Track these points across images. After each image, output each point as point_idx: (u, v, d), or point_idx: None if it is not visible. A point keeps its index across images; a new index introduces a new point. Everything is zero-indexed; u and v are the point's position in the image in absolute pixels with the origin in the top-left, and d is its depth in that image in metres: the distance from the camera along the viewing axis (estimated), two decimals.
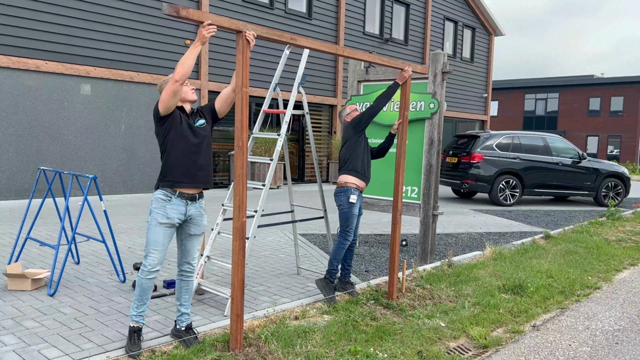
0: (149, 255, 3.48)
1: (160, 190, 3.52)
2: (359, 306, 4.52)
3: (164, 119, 3.48)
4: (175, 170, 3.49)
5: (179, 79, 3.25)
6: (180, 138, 3.49)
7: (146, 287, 3.52)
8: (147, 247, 3.49)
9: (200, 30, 3.17)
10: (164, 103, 3.38)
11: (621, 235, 8.57)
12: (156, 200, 3.50)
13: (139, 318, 3.55)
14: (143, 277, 3.50)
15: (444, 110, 6.33)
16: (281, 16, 14.71)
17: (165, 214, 3.47)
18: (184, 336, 3.63)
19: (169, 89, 3.31)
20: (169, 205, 3.48)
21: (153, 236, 3.47)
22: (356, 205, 4.75)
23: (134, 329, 3.52)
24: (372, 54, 4.37)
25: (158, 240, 3.47)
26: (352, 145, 4.77)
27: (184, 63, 3.24)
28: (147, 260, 3.48)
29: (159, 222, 3.47)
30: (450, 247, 7.36)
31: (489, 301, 4.80)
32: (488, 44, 24.01)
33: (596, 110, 38.34)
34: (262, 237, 7.39)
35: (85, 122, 11.00)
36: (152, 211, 3.50)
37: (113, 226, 7.77)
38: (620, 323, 4.55)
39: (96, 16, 11.02)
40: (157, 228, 3.47)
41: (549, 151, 12.87)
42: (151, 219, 3.49)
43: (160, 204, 3.48)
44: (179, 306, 3.71)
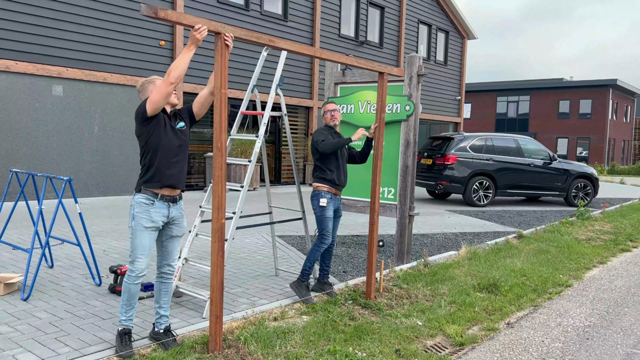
0: (137, 261, 3.47)
1: (141, 194, 3.48)
2: (338, 306, 4.55)
3: (149, 119, 3.43)
4: (158, 172, 3.47)
5: (174, 82, 3.26)
6: (163, 140, 3.48)
7: (134, 291, 3.51)
8: (134, 253, 3.47)
9: (193, 33, 3.20)
10: (155, 104, 3.34)
11: (590, 235, 8.81)
12: (139, 204, 3.46)
13: (129, 322, 3.54)
14: (131, 282, 3.49)
15: (419, 113, 6.42)
16: (257, 18, 14.70)
17: (150, 218, 3.46)
18: (162, 339, 3.61)
19: (163, 90, 3.28)
20: (152, 209, 3.47)
21: (139, 241, 3.45)
22: (328, 208, 4.75)
23: (124, 331, 3.51)
24: (349, 56, 4.42)
25: (145, 245, 3.46)
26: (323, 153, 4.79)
27: (178, 66, 3.24)
28: (134, 266, 3.47)
29: (144, 227, 3.45)
30: (426, 247, 7.46)
31: (464, 300, 4.89)
32: (461, 47, 24.37)
33: (566, 112, 39.23)
34: (240, 239, 7.37)
35: (57, 124, 10.80)
36: (135, 216, 3.46)
37: (87, 229, 7.65)
38: (590, 319, 4.69)
39: (68, 16, 10.84)
40: (143, 233, 3.45)
41: (521, 153, 13.14)
42: (135, 224, 3.45)
43: (144, 208, 3.45)
44: (158, 308, 3.69)
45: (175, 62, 3.26)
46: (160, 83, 3.32)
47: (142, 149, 3.51)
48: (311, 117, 16.87)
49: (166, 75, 3.27)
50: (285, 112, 5.10)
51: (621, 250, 7.76)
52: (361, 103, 6.73)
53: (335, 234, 5.04)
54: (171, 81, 3.25)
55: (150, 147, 3.47)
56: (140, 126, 3.47)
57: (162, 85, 3.29)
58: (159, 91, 3.30)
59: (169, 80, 3.25)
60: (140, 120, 3.44)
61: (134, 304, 3.55)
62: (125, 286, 3.50)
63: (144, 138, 3.48)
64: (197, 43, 3.22)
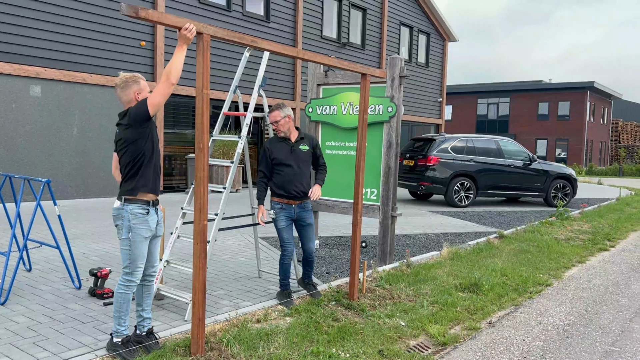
0: (136, 271, 3.47)
1: (136, 205, 3.43)
2: (321, 307, 4.55)
3: (148, 121, 3.40)
4: (152, 179, 3.50)
5: (175, 82, 3.27)
6: (156, 145, 3.52)
7: (129, 299, 3.50)
8: (134, 264, 3.45)
9: (183, 32, 3.19)
10: (157, 106, 3.33)
11: (570, 234, 8.94)
12: (135, 216, 3.42)
13: (126, 330, 3.52)
14: (130, 291, 3.48)
15: (401, 114, 6.45)
16: (238, 19, 14.64)
17: (149, 227, 3.48)
18: (145, 341, 3.56)
19: (165, 91, 3.28)
20: (149, 218, 3.48)
21: (140, 252, 3.46)
22: (279, 219, 4.62)
23: (126, 339, 3.49)
24: (331, 57, 4.43)
25: (144, 254, 3.50)
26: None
27: (176, 66, 3.24)
28: (133, 276, 3.47)
29: (144, 237, 3.46)
30: (409, 248, 7.50)
31: (446, 300, 4.93)
32: (442, 49, 24.58)
33: (545, 114, 39.81)
34: (222, 241, 7.33)
35: (36, 125, 10.62)
36: (133, 227, 3.41)
37: (67, 232, 7.52)
38: (570, 318, 4.76)
39: (47, 15, 10.67)
40: (143, 243, 3.46)
41: (502, 154, 13.29)
42: (135, 235, 3.42)
43: (141, 219, 3.44)
44: (141, 311, 3.65)
45: (171, 62, 3.25)
46: (161, 84, 3.27)
47: (137, 155, 3.42)
48: (294, 118, 16.82)
49: (166, 76, 3.24)
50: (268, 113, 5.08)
51: (599, 250, 7.89)
52: (344, 104, 6.74)
53: (310, 243, 4.80)
54: (172, 82, 3.26)
55: (146, 152, 3.45)
56: (139, 128, 3.38)
57: (163, 86, 3.27)
58: (161, 93, 3.28)
59: (170, 81, 3.25)
60: (140, 122, 3.37)
61: (128, 310, 3.54)
62: (123, 297, 3.47)
63: (140, 143, 3.41)
64: (187, 42, 3.23)
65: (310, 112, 7.04)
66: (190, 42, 3.24)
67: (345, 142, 6.86)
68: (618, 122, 46.44)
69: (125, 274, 3.48)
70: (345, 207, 6.82)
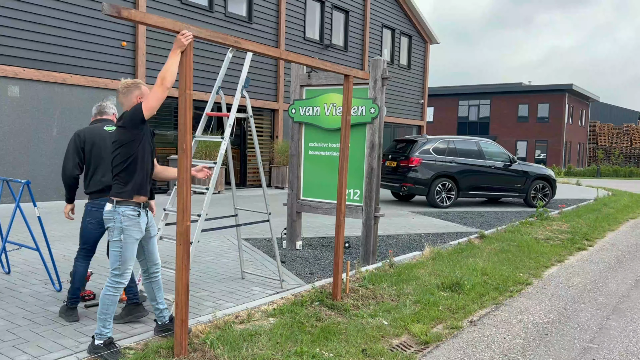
0: (126, 273, 3.51)
1: (127, 206, 3.48)
2: (304, 308, 4.56)
3: (143, 124, 3.46)
4: (143, 181, 3.54)
5: (170, 86, 3.32)
6: (148, 148, 3.56)
7: (116, 301, 3.52)
8: (124, 265, 3.49)
9: (178, 37, 3.22)
10: (152, 110, 3.40)
11: (549, 234, 9.08)
12: (127, 218, 3.47)
13: (110, 332, 3.53)
14: (118, 293, 3.50)
15: (384, 115, 6.50)
16: (221, 19, 14.59)
17: (140, 229, 3.54)
18: (172, 327, 3.74)
19: (160, 96, 3.33)
20: (141, 220, 3.54)
21: (130, 254, 3.51)
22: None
23: (109, 340, 3.50)
24: (314, 59, 4.45)
25: (134, 256, 3.56)
26: None
27: (171, 70, 3.28)
28: (123, 278, 3.51)
29: (135, 239, 3.52)
30: (391, 248, 7.55)
31: (428, 299, 4.97)
32: (424, 51, 24.78)
33: (525, 116, 40.35)
34: (204, 242, 7.29)
35: (13, 126, 10.46)
36: (125, 229, 3.46)
37: (47, 234, 7.42)
38: (549, 316, 4.84)
39: (26, 15, 10.52)
40: (133, 245, 3.52)
41: (482, 155, 13.45)
42: (126, 237, 3.46)
43: (133, 221, 3.49)
44: (156, 305, 3.81)
45: (165, 67, 3.29)
46: (156, 89, 3.34)
47: (129, 157, 3.47)
48: (277, 119, 16.84)
49: (160, 80, 3.30)
50: (252, 114, 5.09)
51: (578, 249, 8.03)
52: (327, 105, 6.77)
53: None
54: (167, 86, 3.32)
55: (138, 154, 3.50)
56: (132, 131, 3.45)
57: (158, 91, 3.33)
58: (156, 97, 3.35)
59: (165, 85, 3.30)
60: (136, 124, 3.44)
61: (113, 312, 3.54)
62: (111, 299, 3.48)
63: (133, 145, 3.47)
64: (182, 47, 3.25)
65: (294, 113, 7.05)
66: (184, 47, 3.26)
67: (328, 143, 6.89)
68: (595, 124, 47.28)
69: (114, 275, 3.49)
70: (329, 207, 6.84)
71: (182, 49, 3.29)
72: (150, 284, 3.81)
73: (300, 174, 7.12)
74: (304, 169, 7.10)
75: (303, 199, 7.11)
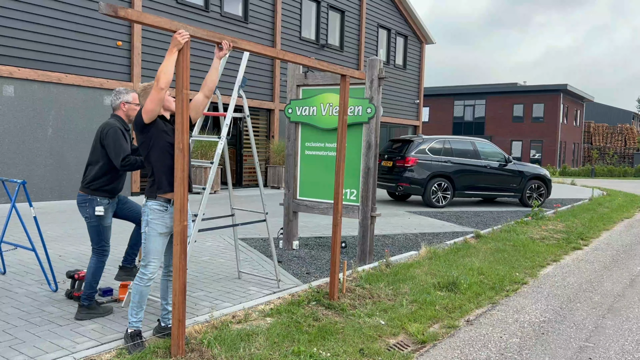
0: (150, 264, 3.60)
1: (155, 201, 3.60)
2: (301, 308, 4.56)
3: (148, 127, 3.52)
4: (166, 180, 3.59)
5: (165, 87, 3.35)
6: (166, 146, 3.58)
7: (145, 293, 3.63)
8: (147, 257, 3.59)
9: (174, 36, 3.23)
10: (150, 113, 3.45)
11: (544, 234, 9.12)
12: (153, 211, 3.58)
13: (139, 323, 3.64)
14: (142, 284, 3.61)
15: (380, 115, 6.51)
16: (217, 19, 14.58)
17: (165, 224, 3.61)
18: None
19: (155, 97, 3.38)
20: (167, 215, 3.61)
21: (154, 246, 3.59)
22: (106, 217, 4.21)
23: (135, 332, 3.60)
24: (311, 59, 4.45)
25: (158, 250, 3.62)
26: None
27: (166, 71, 3.29)
28: (147, 269, 3.60)
29: (159, 233, 3.59)
30: (388, 248, 7.56)
31: (425, 298, 4.99)
32: (420, 51, 24.82)
33: (520, 116, 40.47)
34: (201, 242, 7.28)
35: (9, 126, 10.41)
36: (149, 222, 3.57)
37: (43, 234, 7.39)
38: (545, 315, 4.86)
39: (21, 14, 10.48)
40: (157, 238, 3.59)
41: (478, 155, 13.49)
42: (150, 230, 3.57)
43: (158, 215, 3.58)
44: (166, 305, 3.83)
45: (161, 67, 3.31)
46: (152, 90, 3.39)
47: (146, 157, 3.60)
48: (273, 119, 16.83)
49: (155, 81, 3.35)
50: (248, 114, 5.08)
51: (573, 249, 8.06)
52: (323, 105, 6.77)
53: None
54: (161, 87, 3.34)
55: (151, 156, 3.57)
56: (140, 135, 3.56)
57: (153, 92, 3.38)
58: (152, 99, 3.40)
59: (159, 86, 3.34)
60: (139, 129, 3.53)
61: (144, 306, 3.66)
62: (137, 288, 3.61)
63: (146, 146, 3.57)
64: (178, 46, 3.25)
65: (290, 113, 7.05)
66: (181, 46, 3.25)
67: (324, 142, 6.89)
68: (590, 124, 47.50)
69: (141, 266, 3.63)
70: (325, 207, 6.84)
71: (178, 48, 3.29)
72: (167, 282, 3.84)
73: (296, 173, 7.12)
74: (300, 169, 7.10)
75: (299, 199, 7.11)
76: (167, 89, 3.40)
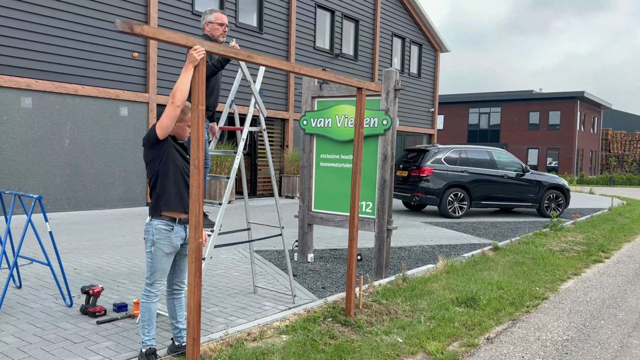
0: (157, 283, 3.58)
1: (160, 220, 3.55)
2: (317, 324, 4.49)
3: (160, 143, 3.50)
4: (174, 197, 3.55)
5: (180, 104, 3.32)
6: (175, 163, 3.56)
7: (154, 310, 3.61)
8: (154, 276, 3.57)
9: (190, 52, 3.16)
10: (165, 129, 3.42)
11: (564, 246, 8.94)
12: (158, 231, 3.53)
13: (153, 341, 3.60)
14: (150, 301, 3.58)
15: (396, 127, 6.44)
16: (232, 30, 14.63)
17: (171, 244, 3.56)
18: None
19: (171, 114, 3.35)
20: (172, 235, 3.56)
21: (160, 265, 3.56)
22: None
23: (149, 351, 3.56)
24: (326, 70, 4.40)
25: (165, 269, 3.59)
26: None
27: (182, 88, 3.26)
28: (154, 287, 3.58)
29: (165, 253, 3.55)
30: (404, 261, 7.45)
31: (443, 315, 4.88)
32: (434, 59, 24.71)
33: (536, 123, 40.08)
34: (216, 255, 7.24)
35: (26, 137, 10.51)
36: (155, 242, 3.53)
37: (58, 246, 7.42)
38: (568, 333, 4.72)
39: (38, 27, 10.61)
40: (163, 258, 3.56)
41: (495, 164, 13.32)
42: (156, 249, 3.53)
43: (164, 235, 3.54)
44: (176, 323, 3.78)
45: (177, 84, 3.28)
46: (167, 107, 3.37)
47: (154, 173, 3.55)
48: (287, 129, 16.83)
49: (170, 98, 3.32)
50: (265, 127, 5.04)
51: (594, 262, 7.88)
52: (338, 117, 6.72)
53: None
54: (177, 104, 3.31)
55: (162, 171, 3.53)
56: (151, 150, 3.52)
57: (169, 109, 3.35)
58: (167, 115, 3.37)
59: (175, 103, 3.31)
60: (151, 144, 3.50)
61: (154, 322, 3.62)
62: (146, 306, 3.57)
63: (155, 162, 3.53)
64: (194, 62, 3.18)
65: (305, 124, 7.01)
66: (197, 63, 3.19)
67: (340, 154, 6.83)
68: (608, 132, 46.86)
69: (146, 284, 3.61)
70: (340, 220, 6.77)
71: (194, 64, 3.25)
72: (173, 300, 3.79)
73: (311, 185, 7.07)
74: (315, 181, 7.05)
75: (314, 211, 7.04)
76: (183, 105, 3.36)
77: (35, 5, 10.52)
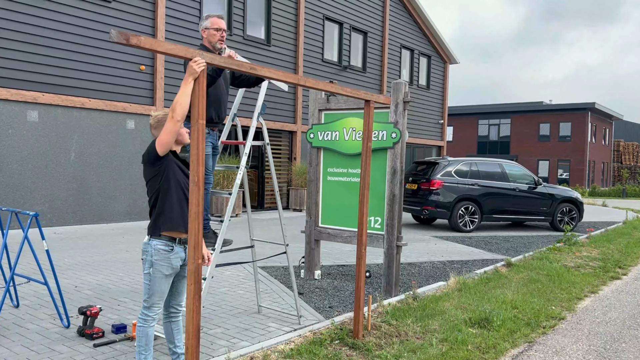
0: (154, 306, 3.41)
1: (159, 240, 3.39)
2: (324, 348, 4.28)
3: (161, 159, 3.34)
4: (175, 216, 3.39)
5: (181, 119, 3.16)
6: (176, 180, 3.40)
7: (151, 334, 3.45)
8: (152, 299, 3.40)
9: (190, 65, 3.01)
10: (165, 146, 3.27)
11: (579, 262, 8.66)
12: (157, 252, 3.37)
13: None
14: (147, 326, 3.42)
15: (405, 140, 6.26)
16: (239, 42, 14.58)
17: (171, 265, 3.40)
18: None
19: (171, 129, 3.20)
20: (172, 255, 3.40)
21: (159, 287, 3.39)
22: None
23: None
24: (333, 83, 4.24)
25: (164, 291, 3.42)
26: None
27: (182, 102, 3.11)
28: (152, 311, 3.41)
29: (164, 275, 3.39)
30: (414, 277, 7.23)
31: (456, 337, 4.65)
32: (443, 71, 24.56)
33: (546, 135, 39.72)
34: (219, 272, 7.07)
35: (32, 151, 10.45)
36: (154, 263, 3.37)
37: (61, 260, 7.28)
38: (588, 357, 4.48)
39: (44, 40, 10.58)
40: (162, 280, 3.39)
41: (506, 177, 13.08)
42: (155, 271, 3.37)
43: (163, 256, 3.38)
44: (174, 348, 3.62)
45: (176, 98, 3.13)
46: (167, 122, 3.21)
47: (154, 191, 3.40)
48: (295, 141, 16.69)
49: (170, 112, 3.16)
50: (268, 142, 4.88)
51: (611, 278, 7.61)
52: (346, 130, 6.56)
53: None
54: (177, 119, 3.16)
55: (162, 189, 3.38)
56: (151, 167, 3.37)
57: (168, 124, 3.20)
58: (167, 131, 3.22)
59: (175, 118, 3.15)
60: (151, 161, 3.35)
61: (151, 347, 3.46)
62: (143, 331, 3.41)
63: (156, 180, 3.38)
64: (194, 75, 3.02)
65: (312, 137, 6.85)
66: (197, 75, 3.02)
67: (347, 168, 6.66)
68: (619, 143, 46.35)
69: (144, 307, 3.44)
70: (349, 235, 6.58)
71: (194, 77, 3.10)
72: (170, 324, 3.62)
73: (318, 200, 6.89)
74: (322, 195, 6.87)
75: (322, 227, 6.86)
76: (183, 120, 3.20)
77: (41, 19, 10.50)
